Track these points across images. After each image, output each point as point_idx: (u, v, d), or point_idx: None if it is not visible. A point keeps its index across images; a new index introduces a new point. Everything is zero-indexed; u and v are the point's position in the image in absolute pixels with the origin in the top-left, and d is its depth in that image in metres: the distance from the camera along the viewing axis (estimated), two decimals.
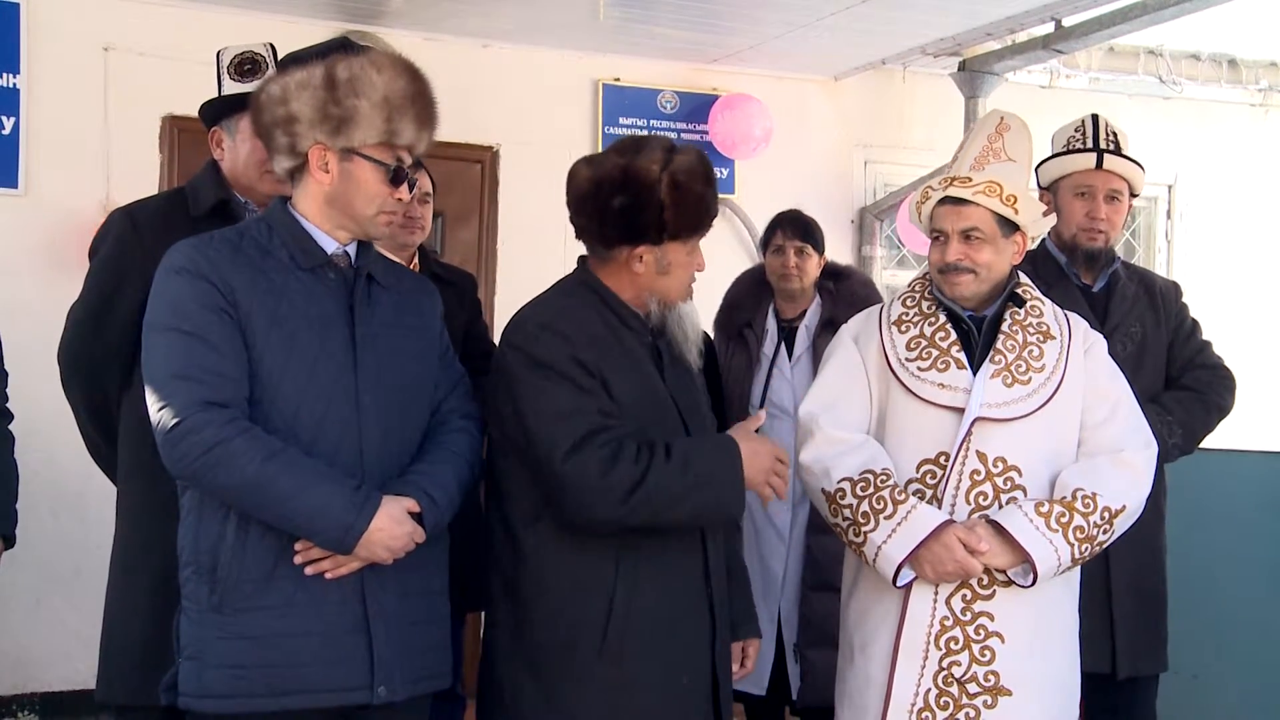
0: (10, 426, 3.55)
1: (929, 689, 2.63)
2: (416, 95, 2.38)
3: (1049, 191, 3.50)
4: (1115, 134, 3.45)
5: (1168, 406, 3.35)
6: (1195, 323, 3.54)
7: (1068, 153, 3.45)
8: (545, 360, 2.42)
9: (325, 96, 2.31)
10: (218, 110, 2.91)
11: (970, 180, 2.71)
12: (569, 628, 2.44)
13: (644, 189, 2.45)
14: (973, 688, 2.62)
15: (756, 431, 2.55)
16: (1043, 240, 3.52)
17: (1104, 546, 2.67)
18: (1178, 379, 3.44)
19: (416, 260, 3.53)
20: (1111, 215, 3.41)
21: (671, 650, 2.49)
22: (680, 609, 2.51)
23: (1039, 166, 3.51)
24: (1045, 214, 3.44)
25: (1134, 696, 3.38)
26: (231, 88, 2.89)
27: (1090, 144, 3.41)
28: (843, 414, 2.75)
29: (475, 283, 3.73)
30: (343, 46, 2.39)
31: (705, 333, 2.77)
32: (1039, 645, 2.66)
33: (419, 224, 3.50)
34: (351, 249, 2.42)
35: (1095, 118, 3.47)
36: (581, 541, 2.44)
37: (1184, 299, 3.56)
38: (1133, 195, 3.50)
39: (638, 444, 2.39)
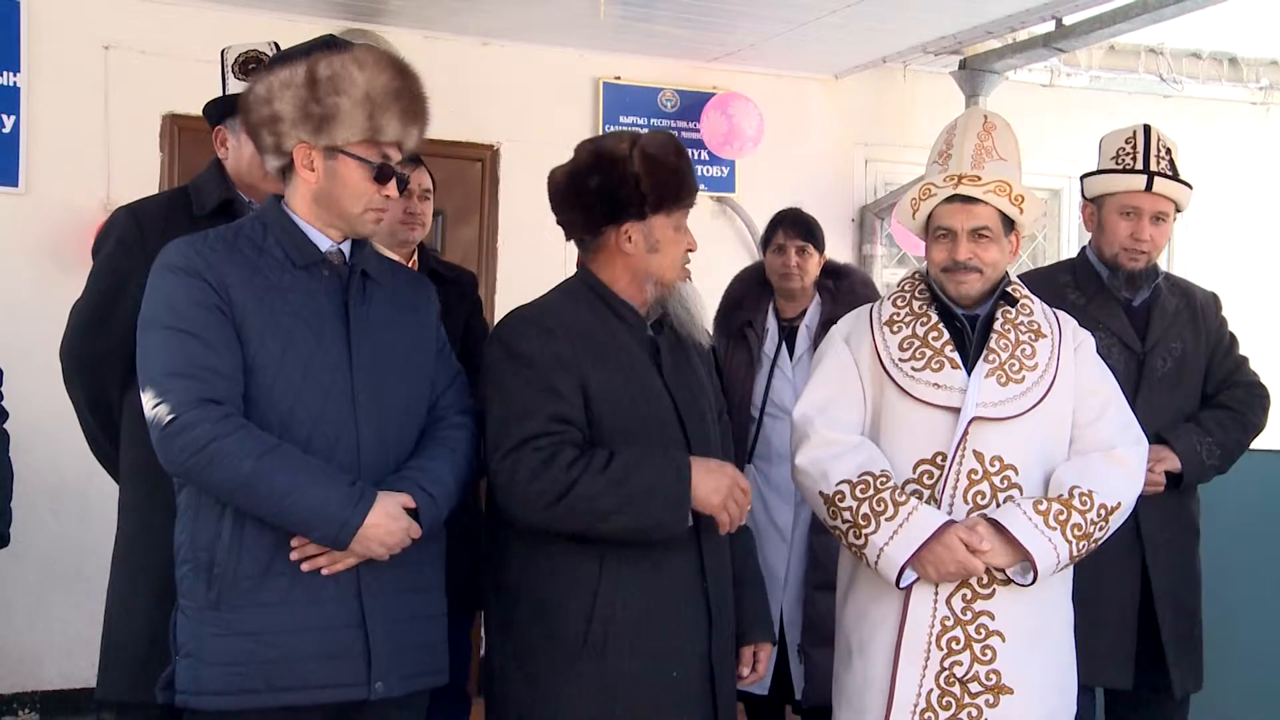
0: (6, 425, 3.54)
1: (931, 689, 2.63)
2: (401, 91, 2.36)
3: (1092, 204, 3.40)
4: (1169, 149, 3.34)
5: (1207, 427, 3.30)
6: (1234, 337, 3.48)
7: (1117, 171, 3.34)
8: (522, 354, 2.46)
9: (306, 95, 2.30)
10: (222, 109, 2.90)
11: (979, 179, 2.70)
12: (553, 623, 2.46)
13: (617, 164, 2.52)
14: (974, 687, 2.62)
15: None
16: (1083, 249, 3.48)
17: (1098, 544, 2.67)
18: (1214, 396, 3.39)
19: (416, 257, 3.53)
20: (1156, 236, 3.32)
21: (659, 645, 2.49)
22: (670, 605, 2.51)
23: (1084, 177, 3.44)
24: (1086, 226, 3.45)
25: (1171, 715, 3.34)
26: (236, 87, 2.88)
27: (1141, 164, 3.30)
28: (837, 415, 2.74)
29: (475, 281, 3.73)
30: (328, 44, 2.38)
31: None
32: (1038, 642, 2.67)
33: (419, 221, 3.50)
34: (346, 246, 2.42)
35: (1148, 131, 3.34)
36: (565, 542, 2.45)
37: (1223, 312, 3.49)
38: (1178, 211, 3.41)
39: (578, 452, 2.41)
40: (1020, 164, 2.78)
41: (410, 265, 3.51)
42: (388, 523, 2.28)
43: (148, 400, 2.25)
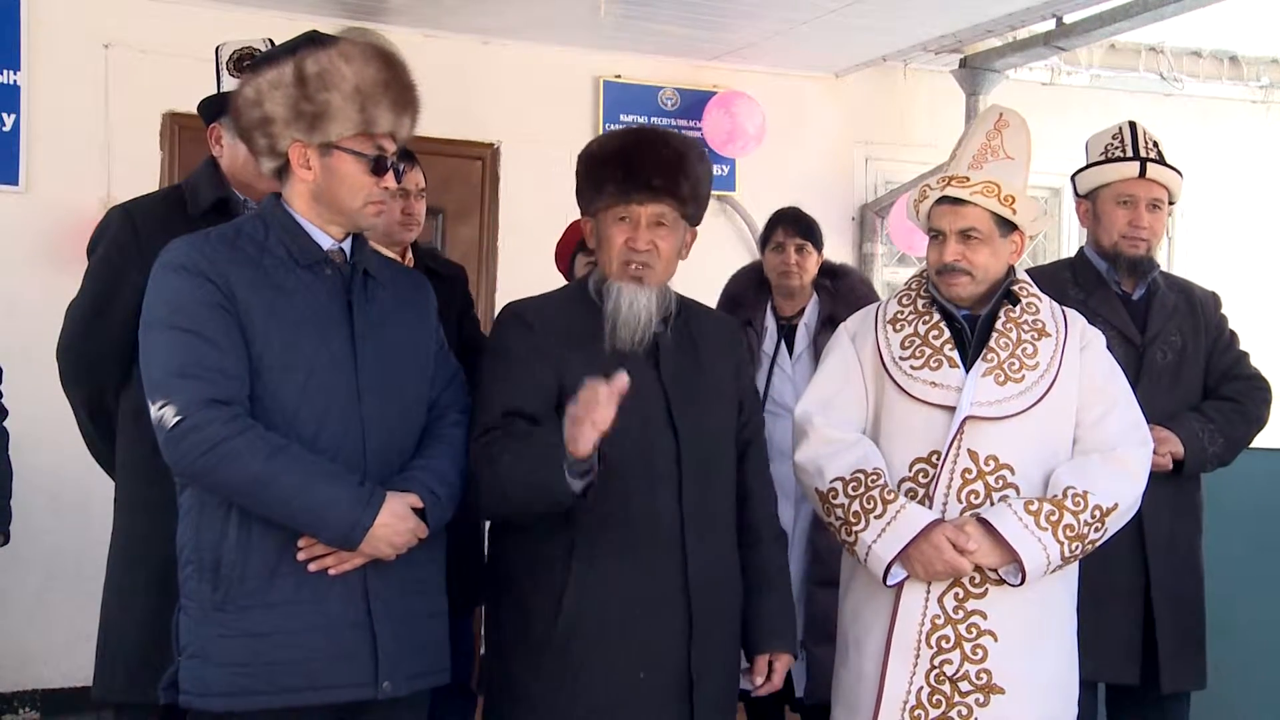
0: (6, 424, 3.54)
1: (921, 687, 2.63)
2: (390, 81, 2.35)
3: (1087, 200, 3.45)
4: (1155, 142, 3.40)
5: (1209, 415, 3.30)
6: (1234, 333, 3.49)
7: (1108, 161, 3.39)
8: (498, 344, 2.56)
9: (296, 94, 2.29)
10: (216, 107, 2.89)
11: (968, 180, 2.70)
12: (525, 618, 2.51)
13: (579, 161, 2.63)
14: (965, 686, 2.61)
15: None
16: (1081, 249, 3.51)
17: (1096, 545, 2.65)
18: (1215, 389, 3.39)
19: (410, 255, 3.54)
20: (1154, 223, 3.36)
21: (628, 644, 2.48)
22: (643, 605, 2.49)
23: (1075, 175, 3.48)
24: (1083, 223, 3.46)
25: (1167, 712, 3.32)
26: (231, 84, 2.87)
27: (1131, 152, 3.36)
28: (837, 413, 2.74)
29: (466, 275, 3.74)
30: (312, 40, 2.36)
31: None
32: (1033, 644, 2.65)
33: (415, 220, 3.50)
34: (347, 245, 2.42)
35: (1133, 125, 3.41)
36: (538, 536, 2.49)
37: (1223, 309, 3.50)
38: (1171, 203, 3.44)
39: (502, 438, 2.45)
40: (1029, 162, 2.77)
41: (407, 263, 3.52)
42: (396, 523, 2.28)
43: (153, 402, 2.23)
